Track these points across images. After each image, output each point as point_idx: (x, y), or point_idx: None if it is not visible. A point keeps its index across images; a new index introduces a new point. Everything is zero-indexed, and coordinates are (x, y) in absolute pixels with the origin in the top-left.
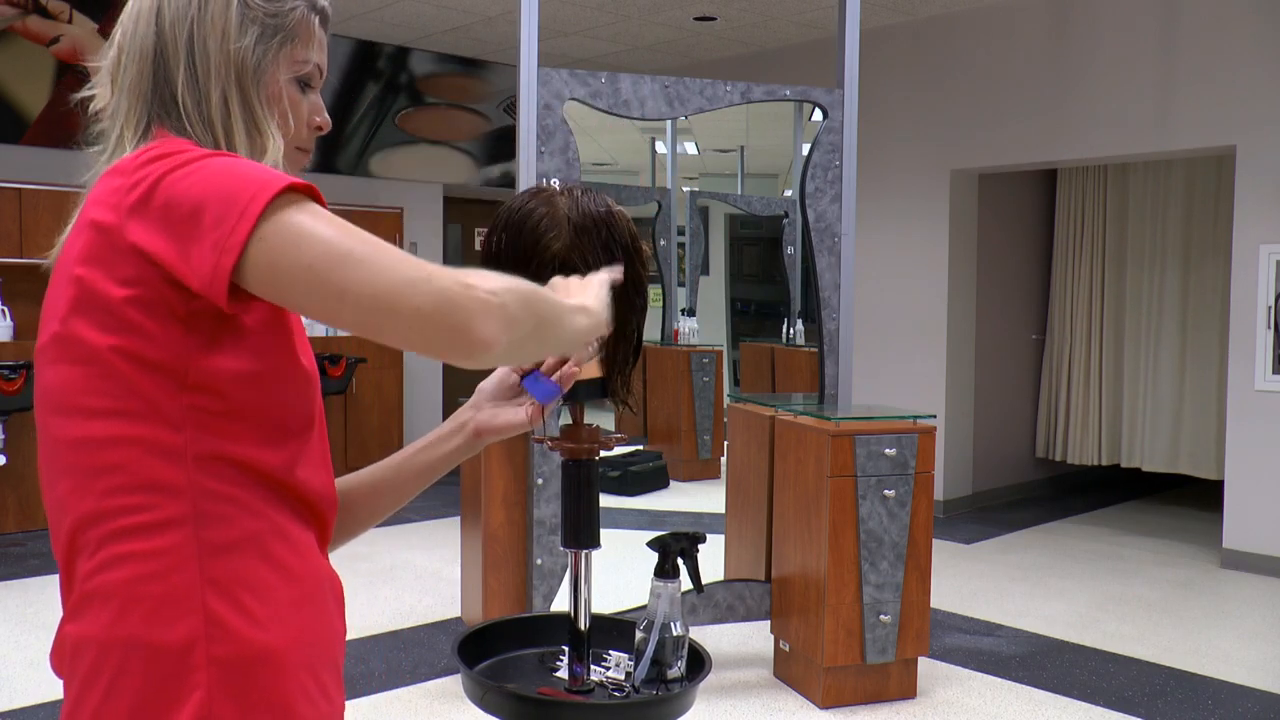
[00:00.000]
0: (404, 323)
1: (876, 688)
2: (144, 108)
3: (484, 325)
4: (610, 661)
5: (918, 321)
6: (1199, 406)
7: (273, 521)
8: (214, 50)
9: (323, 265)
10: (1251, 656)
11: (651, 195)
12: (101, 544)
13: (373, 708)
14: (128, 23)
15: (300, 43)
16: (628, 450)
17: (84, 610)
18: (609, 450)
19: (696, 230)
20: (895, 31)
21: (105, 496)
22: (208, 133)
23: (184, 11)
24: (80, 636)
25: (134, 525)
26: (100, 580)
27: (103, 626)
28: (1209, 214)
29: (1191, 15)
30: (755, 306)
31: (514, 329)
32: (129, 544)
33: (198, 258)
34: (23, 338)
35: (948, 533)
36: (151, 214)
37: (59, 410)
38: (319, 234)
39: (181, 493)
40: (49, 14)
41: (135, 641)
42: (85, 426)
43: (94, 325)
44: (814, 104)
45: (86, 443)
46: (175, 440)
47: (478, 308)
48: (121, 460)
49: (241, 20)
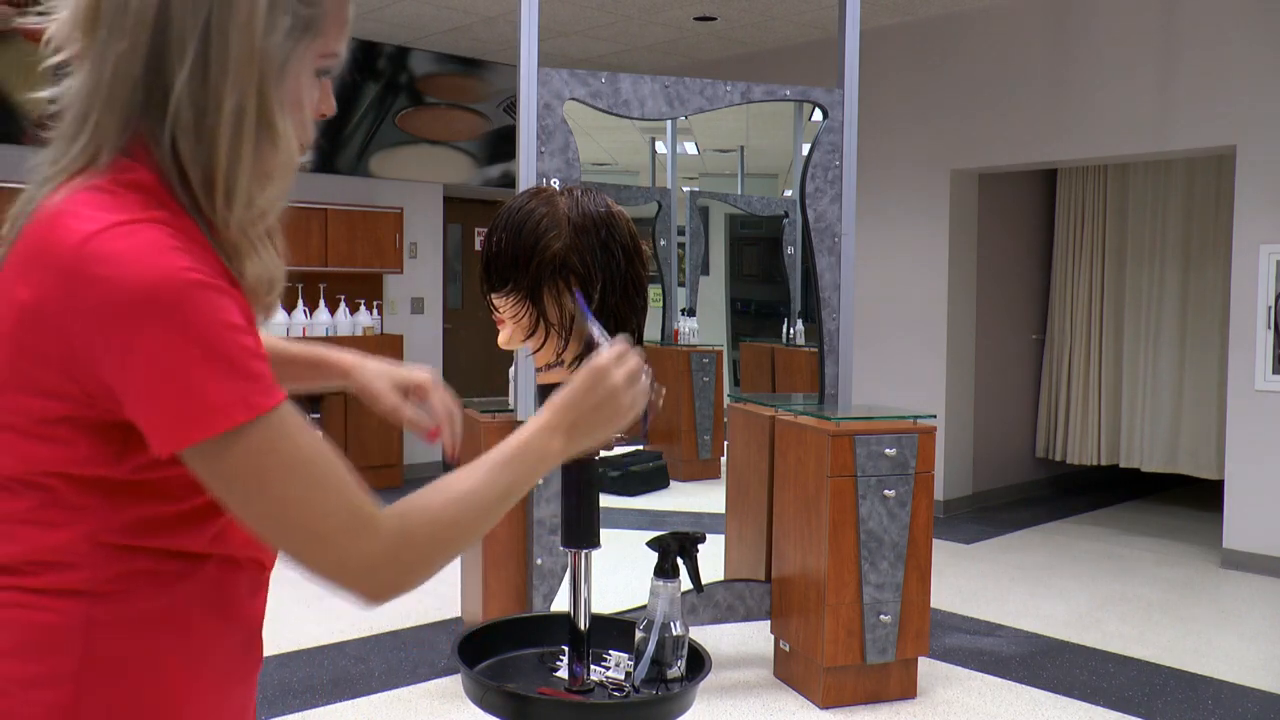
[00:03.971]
0: (311, 565)
1: (876, 688)
2: (130, 101)
3: (383, 594)
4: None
5: (918, 322)
6: (1199, 406)
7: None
8: (235, 45)
9: (242, 498)
10: (1251, 656)
11: (651, 195)
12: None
13: (372, 708)
14: None
15: (332, 32)
16: (628, 450)
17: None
18: (609, 450)
19: (696, 230)
20: (895, 31)
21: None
22: (200, 154)
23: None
24: None
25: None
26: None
27: None
28: (1209, 214)
29: (1191, 15)
30: (755, 306)
31: (422, 567)
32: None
33: (149, 422)
34: None
35: (948, 533)
36: (107, 345)
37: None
38: (270, 468)
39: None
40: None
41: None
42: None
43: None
44: (814, 104)
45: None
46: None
47: (386, 583)
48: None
49: (271, 8)
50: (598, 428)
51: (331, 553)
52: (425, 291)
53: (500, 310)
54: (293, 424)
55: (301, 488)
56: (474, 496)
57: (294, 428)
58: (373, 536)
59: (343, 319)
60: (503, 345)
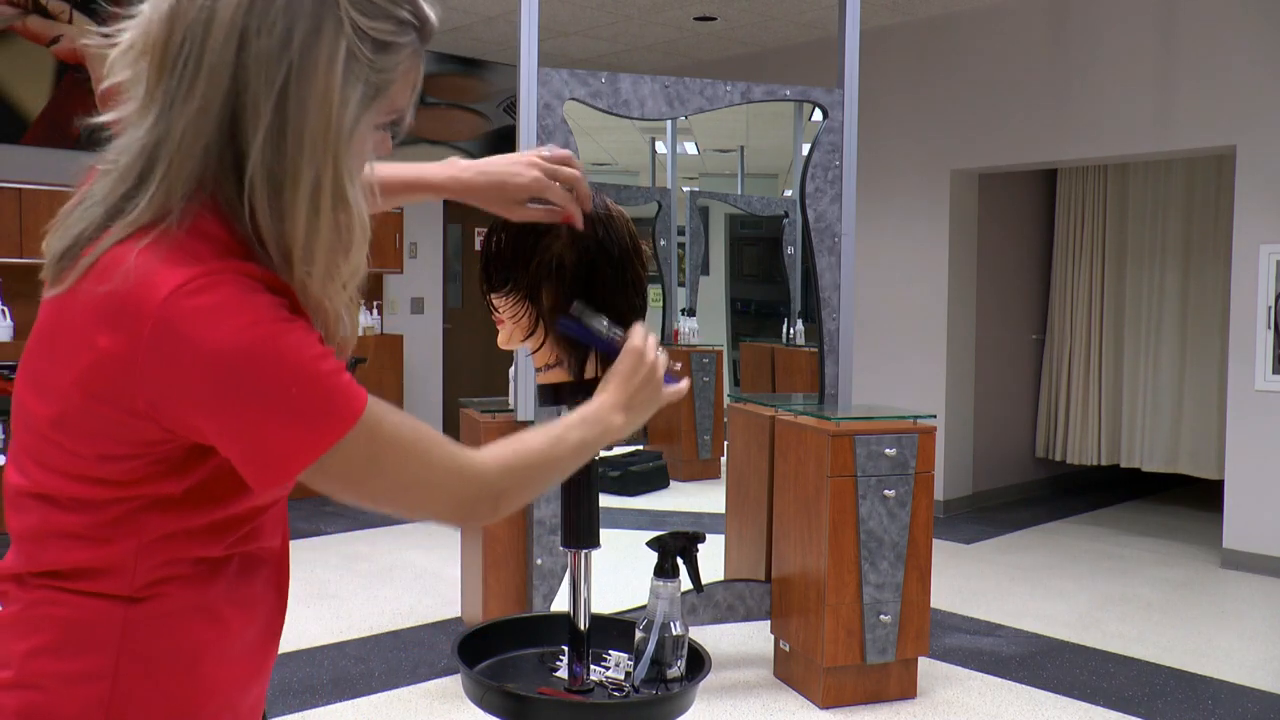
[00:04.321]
0: (439, 521)
1: (876, 688)
2: (203, 162)
3: (481, 518)
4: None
5: (918, 321)
6: (1199, 406)
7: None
8: (313, 117)
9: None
10: (1251, 656)
11: (651, 195)
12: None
13: (373, 708)
14: (191, 18)
15: (401, 93)
16: (628, 450)
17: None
18: (608, 450)
19: (696, 230)
20: (895, 31)
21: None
22: (276, 226)
23: (278, 51)
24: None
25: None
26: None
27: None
28: (1209, 214)
29: (1191, 15)
30: (755, 306)
31: (514, 503)
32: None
33: (250, 461)
34: (22, 338)
35: (948, 533)
36: (176, 388)
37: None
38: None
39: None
40: (49, 14)
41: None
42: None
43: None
44: (814, 104)
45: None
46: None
47: (481, 512)
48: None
49: (346, 78)
50: (650, 402)
51: (446, 507)
52: (425, 291)
53: (500, 310)
54: (380, 414)
55: (408, 465)
56: (551, 449)
57: (382, 417)
58: (475, 480)
59: None
60: (502, 345)
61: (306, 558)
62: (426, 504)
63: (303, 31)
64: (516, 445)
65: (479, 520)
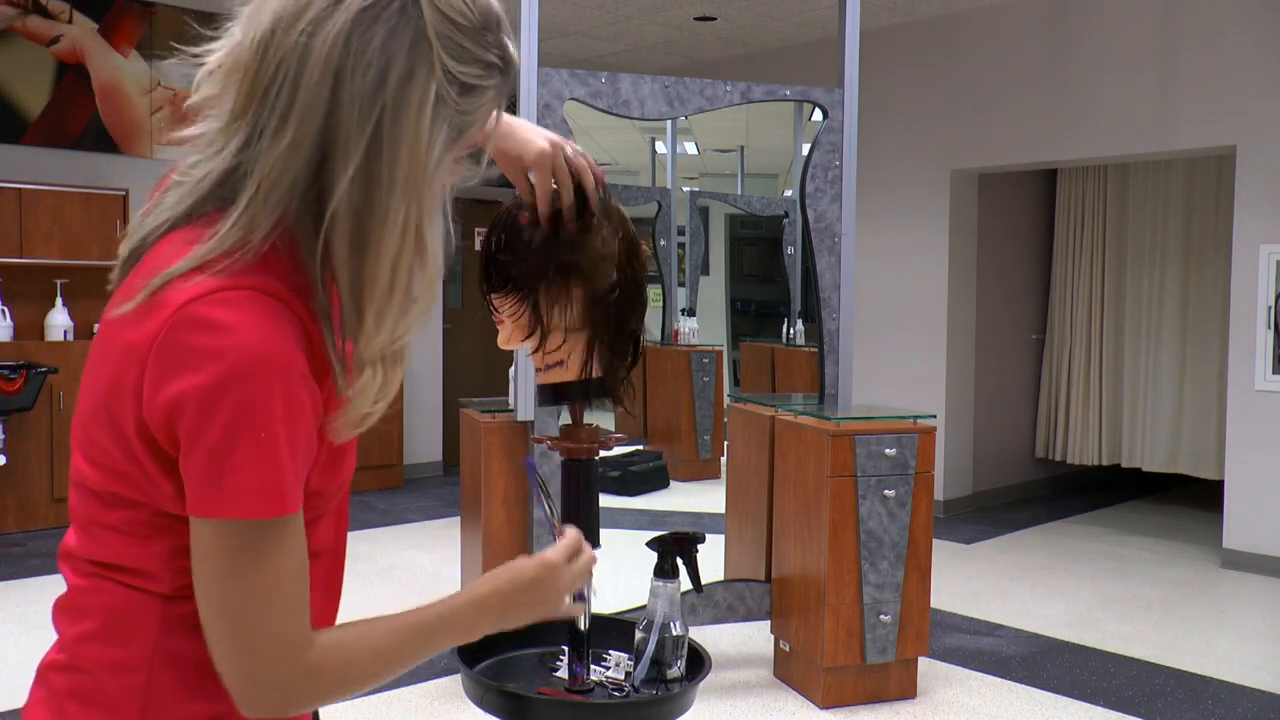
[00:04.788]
0: (225, 652)
1: (876, 688)
2: (288, 197)
3: (264, 711)
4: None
5: (918, 322)
6: (1199, 406)
7: None
8: (405, 158)
9: (202, 574)
10: (1251, 656)
11: (651, 195)
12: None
13: (372, 708)
14: (286, 50)
15: (479, 126)
16: (628, 450)
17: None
18: (608, 450)
19: (696, 230)
20: (895, 31)
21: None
22: (354, 264)
23: (372, 92)
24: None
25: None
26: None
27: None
28: (1209, 214)
29: (1191, 15)
30: (755, 306)
31: (314, 704)
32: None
33: (188, 483)
34: (23, 338)
35: (948, 533)
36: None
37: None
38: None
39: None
40: (49, 14)
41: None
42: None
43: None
44: (814, 104)
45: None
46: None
47: (273, 704)
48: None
49: (434, 120)
50: (530, 616)
51: (247, 659)
52: None
53: (500, 310)
54: (294, 534)
55: (263, 594)
56: (391, 654)
57: (293, 538)
58: (288, 663)
59: None
60: (502, 345)
61: None
62: (240, 644)
63: (397, 74)
64: (344, 647)
65: (262, 706)
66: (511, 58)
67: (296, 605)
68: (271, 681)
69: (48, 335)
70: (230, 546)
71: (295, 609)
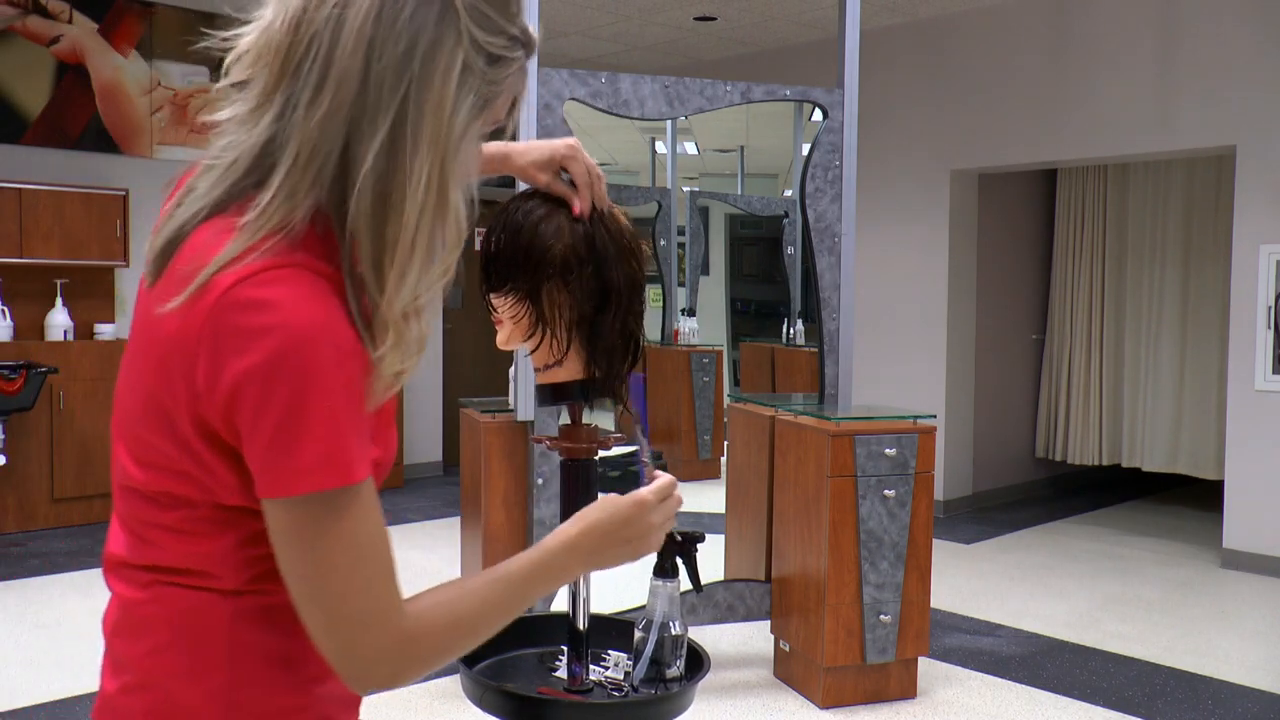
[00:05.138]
0: (321, 631)
1: (876, 688)
2: (325, 166)
3: (372, 685)
4: (609, 661)
5: (918, 322)
6: (1199, 406)
7: None
8: (429, 122)
9: (288, 559)
10: (1251, 656)
11: (651, 195)
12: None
13: (372, 708)
14: (319, 25)
15: (504, 99)
16: (627, 450)
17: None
18: (608, 450)
19: (696, 230)
20: (895, 31)
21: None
22: (378, 228)
23: (403, 61)
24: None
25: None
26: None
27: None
28: (1209, 214)
29: (1191, 15)
30: (755, 306)
31: (419, 674)
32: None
33: (255, 466)
34: (22, 338)
35: (948, 533)
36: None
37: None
38: (330, 537)
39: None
40: (49, 14)
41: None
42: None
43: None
44: (814, 104)
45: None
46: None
47: (381, 676)
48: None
49: (460, 87)
50: (621, 556)
51: (343, 634)
52: None
53: (499, 310)
54: (368, 502)
55: (346, 565)
56: (487, 610)
57: (367, 506)
58: (384, 632)
59: None
60: (501, 345)
61: None
62: (335, 617)
63: (426, 41)
64: (441, 609)
65: (369, 680)
66: (531, 36)
67: (383, 574)
68: (372, 655)
69: (48, 335)
70: (307, 523)
71: (382, 578)
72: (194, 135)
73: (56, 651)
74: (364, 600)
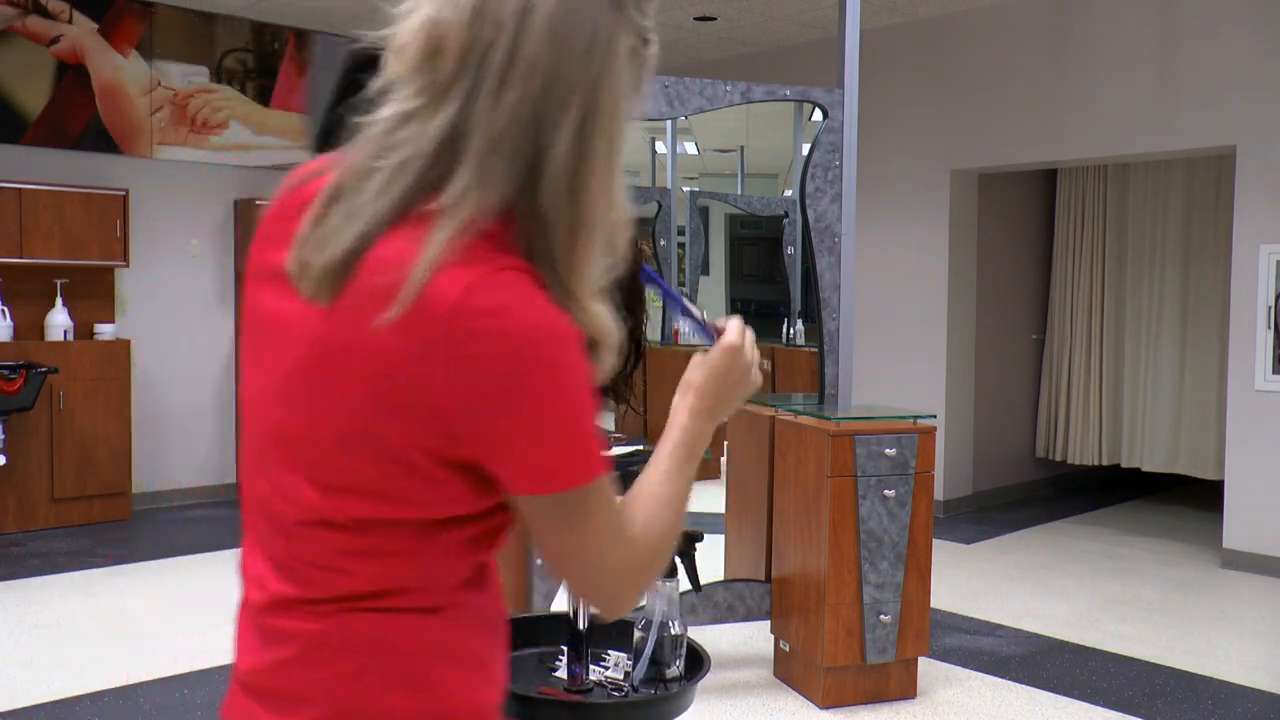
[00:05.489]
0: (591, 590)
1: (876, 688)
2: (519, 152)
3: (631, 607)
4: (609, 661)
5: (918, 321)
6: (1199, 406)
7: None
8: (611, 107)
9: (557, 549)
10: (1251, 656)
11: (651, 195)
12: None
13: None
14: (504, 15)
15: (650, 77)
16: (628, 450)
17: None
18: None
19: (696, 230)
20: (895, 31)
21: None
22: (570, 212)
23: (589, 49)
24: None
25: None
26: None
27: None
28: (1209, 214)
29: (1191, 15)
30: (755, 306)
31: (653, 580)
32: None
33: (516, 466)
34: (22, 338)
35: (948, 533)
36: (476, 389)
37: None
38: (593, 523)
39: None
40: (49, 14)
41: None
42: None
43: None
44: (814, 104)
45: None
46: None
47: (636, 599)
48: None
49: (630, 73)
50: (733, 404)
51: (608, 588)
52: None
53: None
54: (609, 484)
55: (608, 538)
56: (677, 502)
57: (610, 488)
58: (637, 573)
59: None
60: None
61: None
62: (601, 575)
63: (606, 30)
64: (645, 515)
65: (630, 607)
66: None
67: (624, 528)
68: (634, 594)
69: (48, 335)
70: (570, 511)
71: (626, 532)
72: (194, 135)
73: (56, 651)
74: (622, 557)
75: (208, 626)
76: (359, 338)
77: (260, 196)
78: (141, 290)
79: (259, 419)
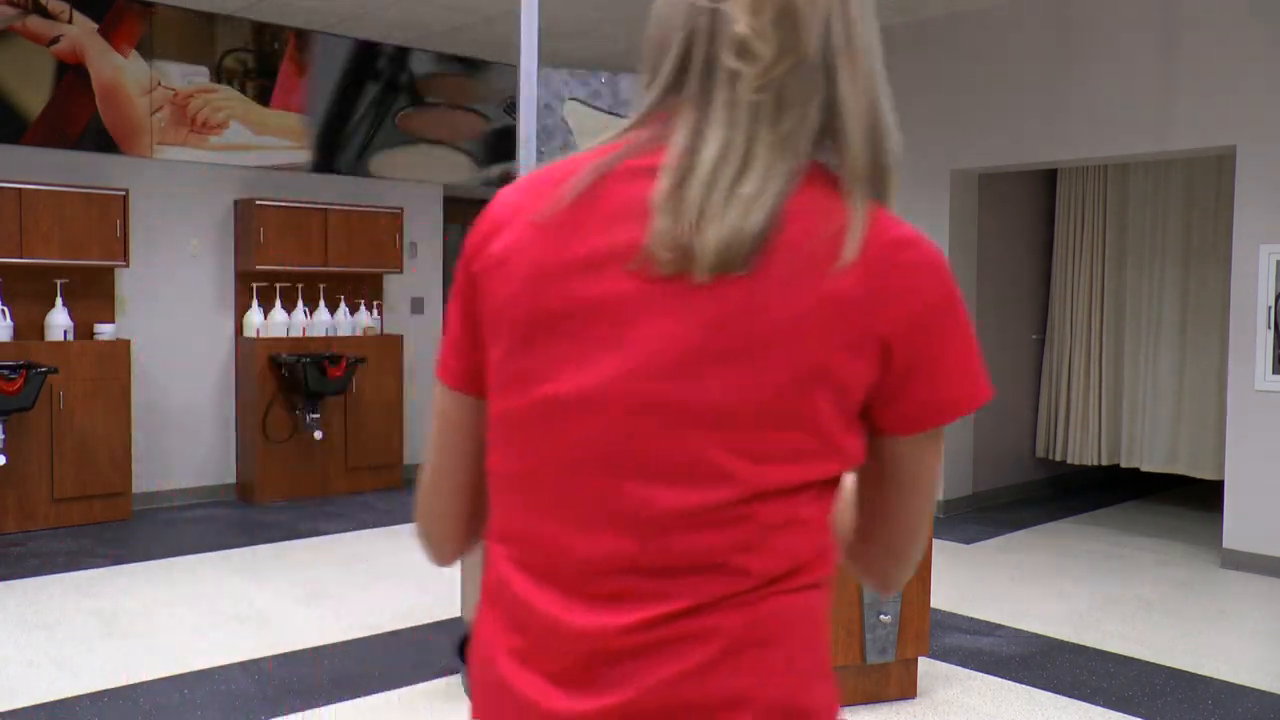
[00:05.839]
0: (912, 557)
1: (876, 688)
2: (876, 121)
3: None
4: None
5: None
6: (1199, 406)
7: None
8: (876, 58)
9: (927, 484)
10: (1251, 656)
11: None
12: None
13: (372, 708)
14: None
15: None
16: None
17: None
18: None
19: None
20: (895, 31)
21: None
22: (871, 172)
23: (874, 14)
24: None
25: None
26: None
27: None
28: (1209, 214)
29: (1191, 15)
30: None
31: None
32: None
33: (905, 404)
34: (23, 338)
35: (948, 533)
36: (911, 334)
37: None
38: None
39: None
40: (49, 14)
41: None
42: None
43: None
44: None
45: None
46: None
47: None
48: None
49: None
50: None
51: (916, 555)
52: (425, 291)
53: None
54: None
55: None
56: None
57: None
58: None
59: (343, 319)
60: None
61: (306, 558)
62: (919, 542)
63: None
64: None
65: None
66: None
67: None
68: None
69: (48, 335)
70: (937, 443)
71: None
72: (194, 135)
73: (56, 651)
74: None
75: (208, 627)
76: (801, 290)
77: (260, 196)
78: (141, 290)
79: (615, 416)
